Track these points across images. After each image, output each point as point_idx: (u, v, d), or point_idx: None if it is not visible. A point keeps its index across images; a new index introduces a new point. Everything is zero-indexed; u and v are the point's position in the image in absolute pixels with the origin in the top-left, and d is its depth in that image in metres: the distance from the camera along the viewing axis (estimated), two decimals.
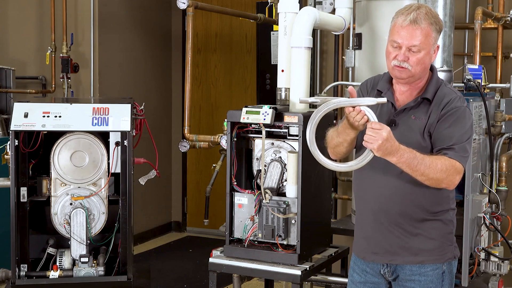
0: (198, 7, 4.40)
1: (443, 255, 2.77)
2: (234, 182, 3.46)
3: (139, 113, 4.00)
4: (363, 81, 2.94)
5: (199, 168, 7.18)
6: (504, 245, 3.74)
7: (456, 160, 2.60)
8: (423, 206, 2.71)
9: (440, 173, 2.57)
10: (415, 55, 2.64)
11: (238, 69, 6.96)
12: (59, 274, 3.80)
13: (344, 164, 2.64)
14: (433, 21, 2.65)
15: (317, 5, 4.43)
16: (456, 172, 2.61)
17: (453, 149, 2.62)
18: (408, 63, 2.65)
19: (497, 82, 4.69)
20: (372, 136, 2.48)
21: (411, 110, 2.72)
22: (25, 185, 3.81)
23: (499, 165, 3.90)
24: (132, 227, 3.90)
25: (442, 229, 2.76)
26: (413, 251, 2.75)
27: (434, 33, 2.66)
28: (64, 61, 5.92)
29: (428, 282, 2.75)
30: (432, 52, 2.69)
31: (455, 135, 2.64)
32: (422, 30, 2.63)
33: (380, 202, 2.75)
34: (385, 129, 2.48)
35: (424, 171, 2.56)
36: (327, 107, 2.52)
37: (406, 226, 2.73)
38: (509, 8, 4.76)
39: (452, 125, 2.65)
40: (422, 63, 2.66)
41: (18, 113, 3.75)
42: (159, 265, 6.10)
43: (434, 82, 2.74)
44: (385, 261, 2.80)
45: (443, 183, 2.62)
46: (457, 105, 2.68)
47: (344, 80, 5.18)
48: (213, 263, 3.45)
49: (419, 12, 2.64)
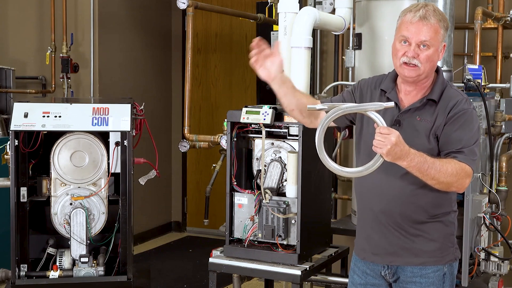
0: (198, 7, 4.40)
1: (444, 257, 2.74)
2: (234, 182, 3.46)
3: (139, 113, 4.00)
4: (360, 80, 2.89)
5: (199, 168, 7.17)
6: (504, 245, 3.74)
7: (466, 163, 2.58)
8: (425, 208, 2.69)
9: (451, 177, 2.55)
10: (424, 51, 2.61)
11: (238, 69, 6.95)
12: (59, 274, 3.80)
13: (354, 170, 2.58)
14: (441, 18, 2.64)
15: (317, 5, 4.43)
16: (466, 176, 2.58)
17: (463, 152, 2.59)
18: (418, 59, 2.61)
19: (497, 82, 4.69)
20: (380, 141, 2.43)
21: (416, 111, 2.68)
22: (25, 185, 3.81)
23: (499, 165, 3.90)
24: (132, 227, 3.90)
25: (443, 230, 2.74)
26: (413, 252, 2.72)
27: (442, 30, 2.64)
28: (64, 61, 5.92)
29: (429, 284, 2.73)
30: (440, 50, 2.66)
31: (463, 138, 2.61)
32: (431, 26, 2.61)
33: (381, 202, 2.72)
34: (393, 133, 2.43)
35: (434, 175, 2.53)
36: (335, 113, 2.49)
37: (407, 228, 2.71)
38: (509, 8, 4.75)
39: (460, 128, 2.62)
40: (431, 60, 2.63)
41: (18, 113, 3.75)
42: (159, 265, 6.10)
43: (440, 83, 2.70)
44: (385, 262, 2.78)
45: (453, 187, 2.60)
46: (464, 107, 2.64)
47: (344, 80, 5.18)
48: (213, 263, 3.45)
49: (428, 9, 2.63)
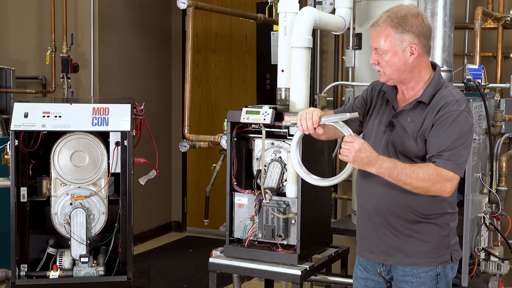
0: (198, 7, 4.40)
1: (437, 258, 2.73)
2: (234, 182, 3.46)
3: (139, 113, 4.00)
4: (373, 81, 2.91)
5: (199, 168, 7.18)
6: (504, 245, 3.74)
7: (445, 168, 2.55)
8: (415, 209, 2.69)
9: (423, 182, 2.54)
10: (382, 57, 2.65)
11: (238, 69, 6.95)
12: (59, 274, 3.80)
13: (327, 180, 2.79)
14: (396, 21, 2.60)
15: (317, 5, 4.43)
16: (443, 180, 2.55)
17: (442, 156, 2.56)
18: (380, 66, 2.67)
19: (497, 82, 4.69)
20: (345, 149, 2.55)
21: (408, 112, 2.68)
22: (25, 185, 3.80)
23: (499, 165, 3.90)
24: (132, 227, 3.90)
25: (438, 232, 2.72)
26: (406, 252, 2.73)
27: (396, 34, 2.60)
28: (64, 61, 5.92)
29: (420, 284, 2.72)
30: (402, 52, 2.62)
31: (446, 141, 2.57)
32: (380, 32, 2.63)
33: (373, 202, 2.75)
34: (357, 141, 2.53)
35: (406, 181, 2.55)
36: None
37: (399, 227, 2.72)
38: (509, 8, 4.76)
39: (444, 131, 2.58)
40: (391, 65, 2.64)
41: (18, 113, 3.75)
42: (159, 265, 6.10)
43: (433, 84, 2.68)
44: (379, 261, 2.81)
45: (431, 192, 2.58)
46: (452, 109, 2.59)
47: (344, 80, 5.18)
48: (213, 263, 3.45)
49: (383, 15, 2.65)
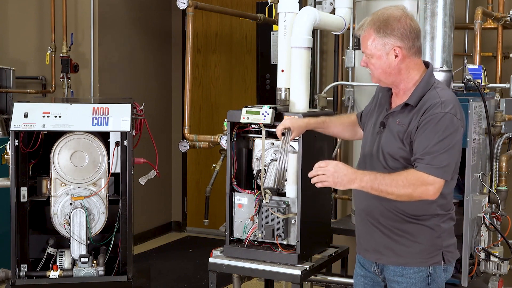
0: (198, 7, 4.40)
1: (428, 259, 2.71)
2: (234, 182, 3.46)
3: (139, 113, 4.00)
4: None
5: (199, 168, 7.18)
6: (504, 245, 3.74)
7: (425, 172, 2.52)
8: (403, 210, 2.68)
9: (405, 189, 2.53)
10: (369, 60, 2.68)
11: (238, 69, 6.95)
12: (59, 274, 3.80)
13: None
14: (378, 25, 2.60)
15: (317, 5, 4.43)
16: (423, 184, 2.52)
17: (422, 160, 2.54)
18: (369, 69, 2.70)
19: (497, 82, 4.69)
20: (322, 175, 2.57)
21: (398, 114, 2.68)
22: (25, 185, 3.80)
23: (499, 165, 3.90)
24: (132, 227, 3.90)
25: (429, 233, 2.70)
26: (396, 252, 2.74)
27: (378, 38, 2.61)
28: (64, 61, 5.92)
29: (410, 284, 2.72)
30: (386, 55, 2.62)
31: (427, 144, 2.54)
32: (364, 36, 2.66)
33: (364, 202, 2.78)
34: (330, 164, 2.56)
35: (387, 190, 2.54)
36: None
37: (389, 227, 2.73)
38: (509, 8, 4.76)
39: (426, 134, 2.55)
40: (378, 67, 2.66)
41: (18, 113, 3.75)
42: (159, 265, 6.10)
43: (422, 85, 2.65)
44: (373, 259, 2.84)
45: (414, 197, 2.56)
46: (435, 111, 2.55)
47: (344, 80, 5.18)
48: (213, 263, 3.45)
49: (368, 18, 2.66)
